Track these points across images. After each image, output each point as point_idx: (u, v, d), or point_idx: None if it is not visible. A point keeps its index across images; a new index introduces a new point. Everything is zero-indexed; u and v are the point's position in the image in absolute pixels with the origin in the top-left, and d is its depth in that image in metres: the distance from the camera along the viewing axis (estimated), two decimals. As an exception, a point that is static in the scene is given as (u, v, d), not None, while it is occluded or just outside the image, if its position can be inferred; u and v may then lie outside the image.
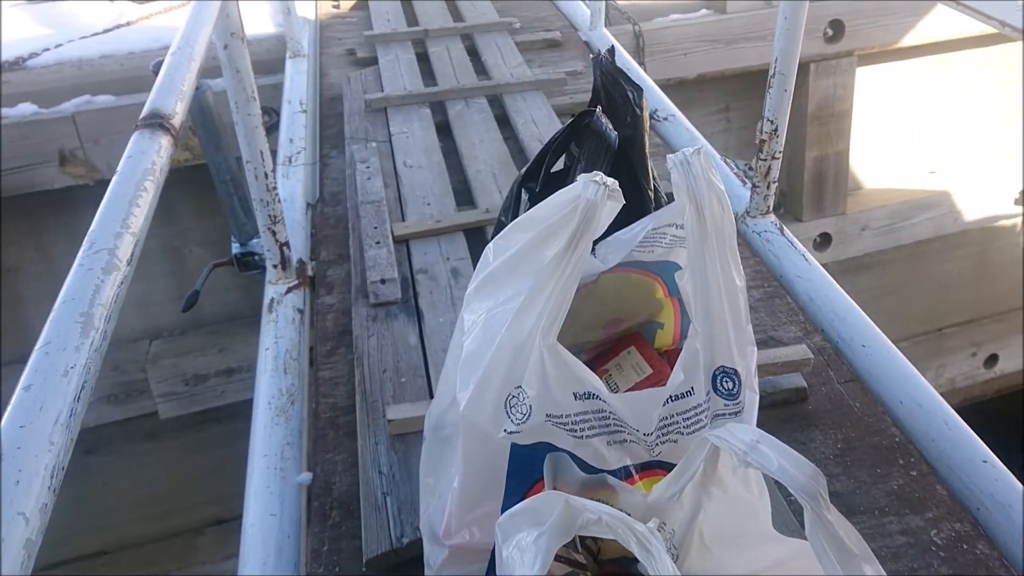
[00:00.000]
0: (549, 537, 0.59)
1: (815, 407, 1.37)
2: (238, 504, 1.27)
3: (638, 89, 1.03)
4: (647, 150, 1.08)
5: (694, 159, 0.79)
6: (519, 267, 0.76)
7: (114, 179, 0.70)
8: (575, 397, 0.74)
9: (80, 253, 0.62)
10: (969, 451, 1.26)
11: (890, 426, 1.32)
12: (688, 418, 0.77)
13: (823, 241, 3.94)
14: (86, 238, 0.63)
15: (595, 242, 0.91)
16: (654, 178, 1.13)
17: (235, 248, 1.87)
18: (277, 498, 1.22)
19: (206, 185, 2.37)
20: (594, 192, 0.72)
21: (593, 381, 0.74)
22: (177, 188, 3.02)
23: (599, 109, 1.01)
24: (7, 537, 0.41)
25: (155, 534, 3.45)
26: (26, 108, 2.79)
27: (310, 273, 1.74)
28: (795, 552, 0.65)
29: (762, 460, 0.56)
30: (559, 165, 1.05)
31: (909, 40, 3.76)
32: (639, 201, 1.07)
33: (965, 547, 1.12)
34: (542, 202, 0.76)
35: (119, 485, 3.35)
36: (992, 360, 4.52)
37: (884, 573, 0.60)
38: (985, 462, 1.24)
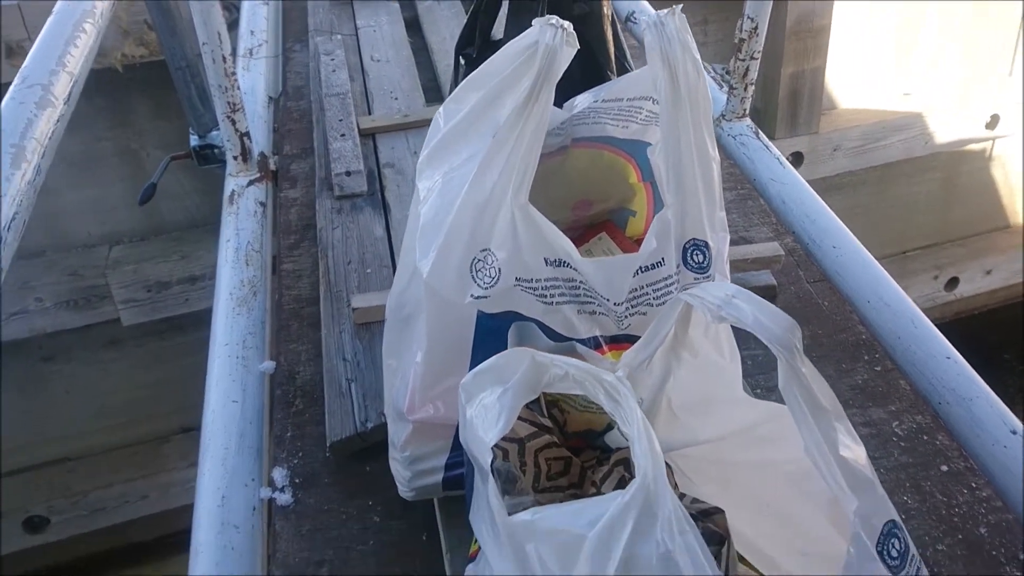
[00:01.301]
0: (514, 393, 0.57)
1: (784, 305, 1.37)
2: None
3: None
4: (608, 28, 1.03)
5: (668, 20, 0.74)
6: (474, 126, 0.72)
7: (50, 19, 0.64)
8: (546, 262, 0.72)
9: (12, 87, 0.57)
10: (933, 348, 1.27)
11: (857, 324, 1.32)
12: (658, 289, 0.75)
13: (795, 160, 3.93)
14: (19, 73, 0.58)
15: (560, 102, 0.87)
16: (624, 59, 1.09)
17: (193, 140, 1.79)
18: (239, 385, 1.19)
19: (164, 84, 2.25)
20: (552, 36, 0.67)
21: (565, 246, 0.72)
22: (133, 87, 2.90)
23: None
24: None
25: (120, 442, 3.44)
26: (-32, -5, 2.62)
27: (273, 167, 1.68)
28: (765, 415, 0.64)
29: (736, 313, 0.54)
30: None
31: (891, -46, 3.68)
32: (598, 82, 1.03)
33: (925, 438, 1.13)
34: (493, 55, 0.72)
35: (82, 392, 3.32)
36: (953, 283, 4.60)
37: (854, 432, 0.59)
38: (948, 358, 1.25)
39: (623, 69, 1.05)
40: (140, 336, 3.26)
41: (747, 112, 1.79)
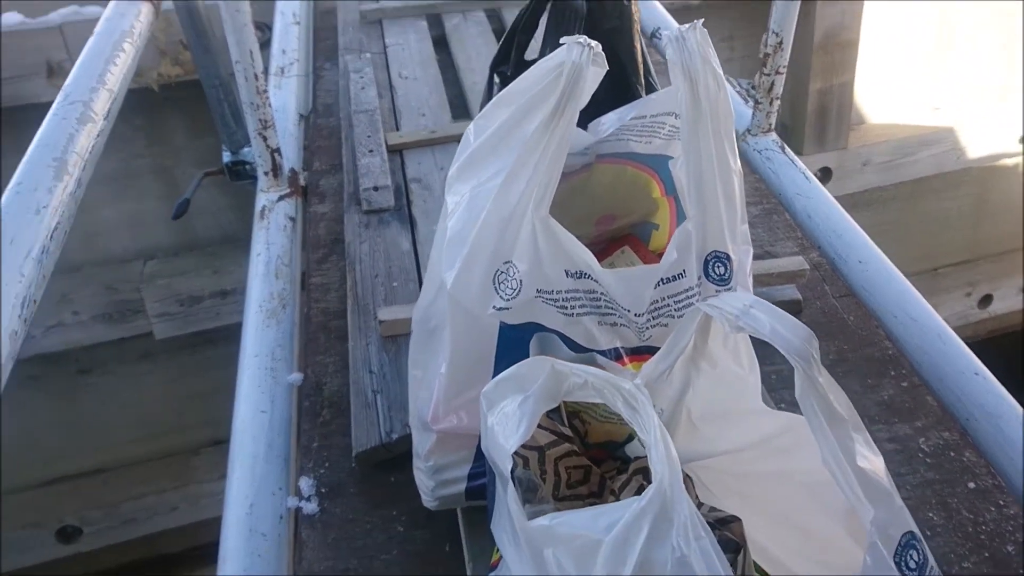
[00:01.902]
0: (535, 401, 0.58)
1: (810, 320, 1.36)
2: (234, 427, 1.27)
3: None
4: (638, 43, 1.05)
5: (690, 34, 0.76)
6: (503, 143, 0.73)
7: (90, 40, 0.67)
8: (566, 274, 0.73)
9: (55, 104, 0.60)
10: (961, 364, 1.25)
11: (883, 339, 1.32)
12: (679, 301, 0.76)
13: (824, 176, 3.90)
14: (60, 92, 0.61)
15: (583, 124, 0.89)
16: (649, 75, 1.10)
17: (226, 157, 1.84)
18: (268, 396, 1.22)
19: (198, 103, 2.30)
20: (579, 54, 0.69)
21: (585, 258, 0.73)
22: (168, 106, 2.97)
23: None
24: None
25: (152, 453, 3.50)
26: (11, 17, 2.71)
27: (302, 183, 1.71)
28: (784, 426, 0.64)
29: (754, 323, 0.55)
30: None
31: (920, -31, 3.67)
32: (628, 97, 1.04)
33: (952, 455, 1.12)
34: (523, 74, 0.73)
35: (116, 405, 3.38)
36: (986, 300, 4.53)
37: (872, 443, 0.59)
38: (977, 374, 1.24)
39: (648, 85, 1.06)
40: (173, 349, 3.31)
41: (773, 127, 1.79)
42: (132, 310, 3.16)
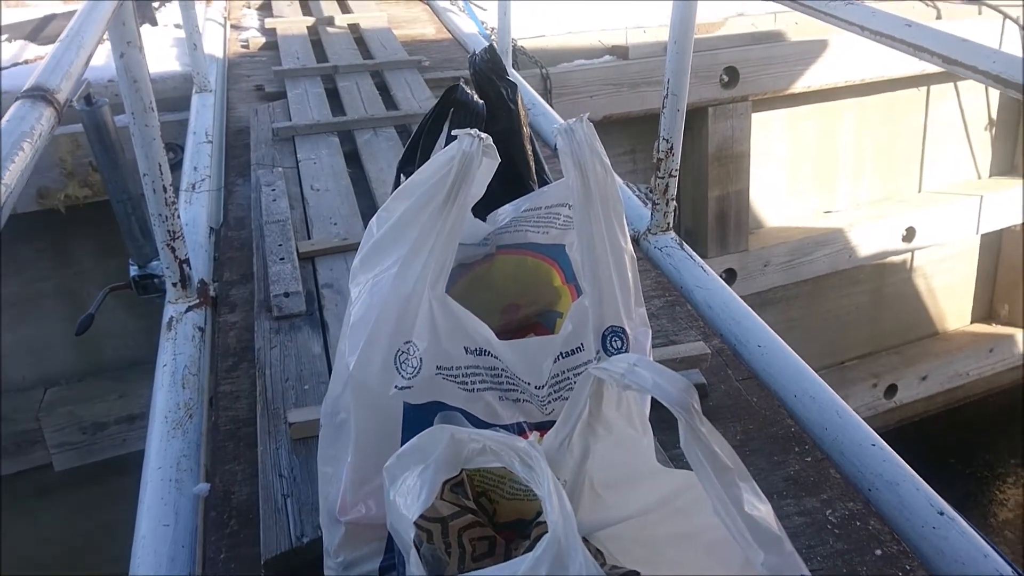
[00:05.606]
0: (435, 469, 0.59)
1: (715, 403, 1.41)
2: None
3: (511, 85, 1.07)
4: (527, 143, 1.11)
5: (577, 126, 0.82)
6: (403, 232, 0.77)
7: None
8: (466, 351, 0.75)
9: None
10: (859, 436, 1.31)
11: (786, 418, 1.37)
12: (579, 374, 0.79)
13: (728, 277, 4.09)
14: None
15: (484, 216, 0.93)
16: (542, 172, 1.16)
17: (133, 271, 1.81)
18: (171, 509, 1.17)
19: (107, 223, 2.28)
20: (469, 144, 0.74)
21: (484, 333, 0.75)
22: (75, 227, 2.93)
23: (462, 81, 1.04)
24: None
25: (50, 598, 3.23)
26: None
27: (212, 293, 1.70)
28: (680, 485, 0.66)
29: (638, 380, 0.58)
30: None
31: (798, 87, 4.01)
32: (522, 193, 1.10)
33: (859, 524, 1.16)
34: (421, 167, 0.78)
35: (10, 547, 3.13)
36: (892, 391, 4.73)
37: (759, 491, 0.62)
38: (874, 445, 1.29)
39: (542, 181, 1.12)
40: (74, 482, 3.13)
41: (671, 226, 1.89)
42: (29, 441, 2.99)
